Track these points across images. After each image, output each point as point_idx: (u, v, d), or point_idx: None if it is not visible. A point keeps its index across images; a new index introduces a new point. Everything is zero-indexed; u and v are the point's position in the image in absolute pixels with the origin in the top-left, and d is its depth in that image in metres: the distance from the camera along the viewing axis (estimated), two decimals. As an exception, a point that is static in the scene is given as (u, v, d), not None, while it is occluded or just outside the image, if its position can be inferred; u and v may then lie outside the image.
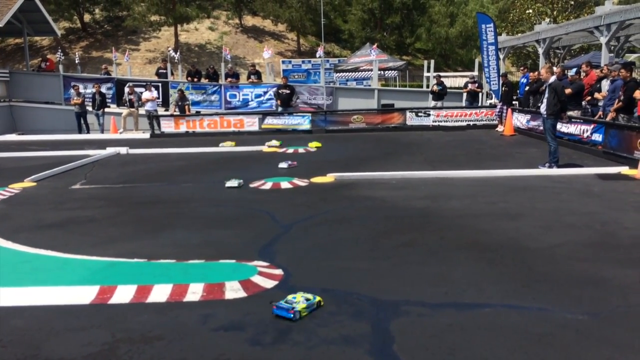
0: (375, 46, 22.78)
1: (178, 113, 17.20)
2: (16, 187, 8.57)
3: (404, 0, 37.73)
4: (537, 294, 3.93)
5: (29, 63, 23.27)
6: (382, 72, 24.48)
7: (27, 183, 8.87)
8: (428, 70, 23.23)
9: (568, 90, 11.68)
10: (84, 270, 4.70)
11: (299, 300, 3.74)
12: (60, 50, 22.39)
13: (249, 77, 20.25)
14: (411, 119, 16.59)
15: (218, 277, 4.41)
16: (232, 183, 8.32)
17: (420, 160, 10.69)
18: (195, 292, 4.13)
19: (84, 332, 3.57)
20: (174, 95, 18.50)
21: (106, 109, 17.58)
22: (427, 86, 21.82)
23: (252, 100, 19.11)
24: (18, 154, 12.75)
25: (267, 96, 18.94)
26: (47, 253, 5.22)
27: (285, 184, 8.34)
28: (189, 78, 19.89)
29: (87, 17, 36.87)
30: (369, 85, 22.47)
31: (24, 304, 4.05)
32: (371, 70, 22.16)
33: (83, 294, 4.15)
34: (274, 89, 18.27)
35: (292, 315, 3.60)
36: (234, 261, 4.82)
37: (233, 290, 4.16)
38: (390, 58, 27.68)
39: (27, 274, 4.66)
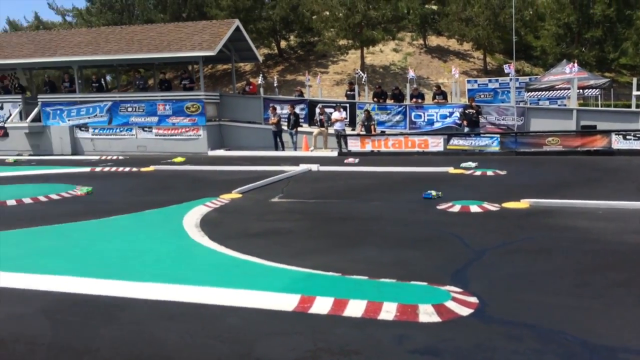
0: (574, 63, 20.94)
1: (364, 133, 17.78)
2: (226, 198, 9.61)
3: (607, 12, 34.13)
4: None
5: (235, 86, 26.11)
6: (581, 90, 22.41)
7: (235, 194, 9.88)
8: (638, 89, 20.61)
9: None
10: (286, 278, 5.06)
11: None
12: (261, 75, 24.69)
13: (434, 98, 20.12)
14: (617, 142, 14.83)
15: (410, 299, 4.40)
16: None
17: (631, 188, 9.46)
18: (388, 311, 4.17)
19: (288, 337, 3.83)
20: (360, 115, 19.16)
21: (299, 128, 18.94)
22: (637, 106, 19.38)
23: (437, 120, 18.90)
24: (226, 168, 14.33)
25: (452, 117, 18.58)
26: (253, 259, 5.75)
27: (474, 208, 8.04)
28: (375, 99, 20.44)
29: (283, 44, 40.25)
30: (565, 105, 20.69)
31: (237, 304, 4.47)
32: (568, 88, 20.41)
33: (286, 301, 4.46)
34: (461, 109, 17.88)
35: None
36: (425, 284, 4.77)
37: (427, 314, 4.11)
38: (590, 75, 25.21)
39: (238, 277, 5.17)
